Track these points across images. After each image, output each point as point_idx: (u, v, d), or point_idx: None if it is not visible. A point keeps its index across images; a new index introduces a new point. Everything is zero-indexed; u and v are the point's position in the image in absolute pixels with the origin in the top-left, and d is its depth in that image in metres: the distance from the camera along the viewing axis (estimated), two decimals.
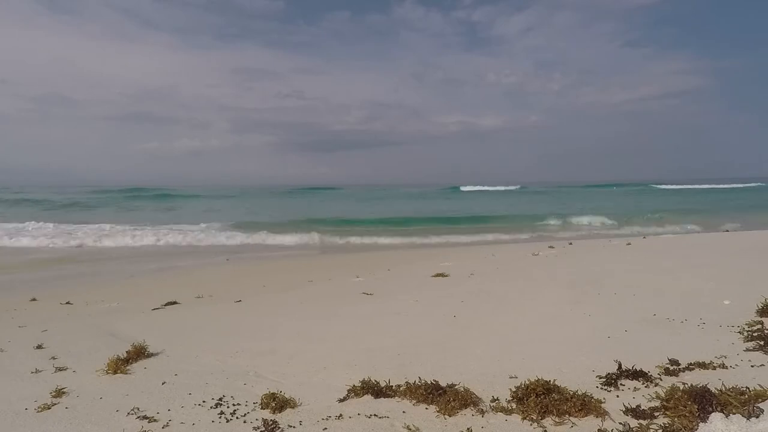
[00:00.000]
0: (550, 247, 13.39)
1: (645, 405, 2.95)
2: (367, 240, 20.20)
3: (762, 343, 3.95)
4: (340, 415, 3.11)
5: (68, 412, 3.37)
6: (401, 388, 3.36)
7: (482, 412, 3.05)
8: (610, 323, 5.00)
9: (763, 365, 3.53)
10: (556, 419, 2.89)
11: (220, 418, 3.17)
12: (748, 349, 3.89)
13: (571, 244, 14.66)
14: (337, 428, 2.95)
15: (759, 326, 4.40)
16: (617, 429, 2.72)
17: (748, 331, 4.31)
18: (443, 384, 3.30)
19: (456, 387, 3.26)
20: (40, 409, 3.41)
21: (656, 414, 2.83)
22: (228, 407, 3.32)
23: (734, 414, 2.49)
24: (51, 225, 24.96)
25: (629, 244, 13.27)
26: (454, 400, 3.10)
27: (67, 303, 8.52)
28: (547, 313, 5.64)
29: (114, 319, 6.50)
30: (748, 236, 14.96)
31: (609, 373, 3.45)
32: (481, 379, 3.60)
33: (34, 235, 20.62)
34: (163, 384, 3.82)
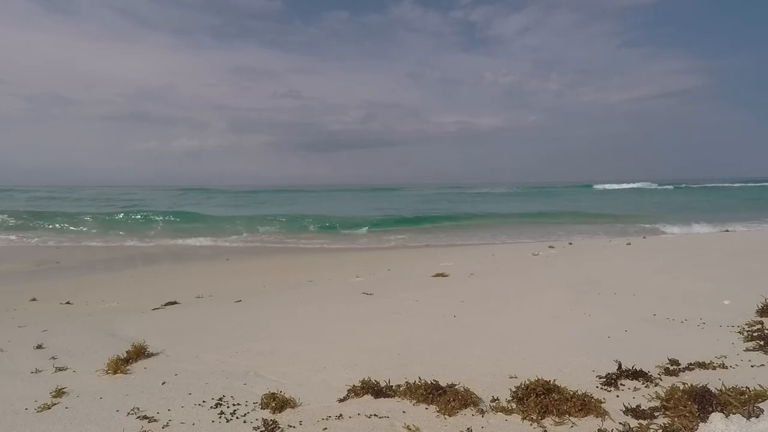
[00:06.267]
0: (550, 247, 13.39)
1: (645, 405, 2.95)
2: None
3: (762, 343, 3.95)
4: (340, 415, 3.11)
5: (68, 412, 3.37)
6: (401, 388, 3.36)
7: (482, 412, 3.05)
8: (610, 323, 5.00)
9: (763, 365, 3.53)
10: (556, 419, 2.89)
11: (220, 418, 3.17)
12: (748, 349, 3.89)
13: (571, 244, 14.66)
14: (337, 428, 2.95)
15: (759, 326, 4.41)
16: (617, 429, 2.72)
17: (748, 331, 4.31)
18: (443, 384, 3.30)
19: (456, 387, 3.25)
20: (40, 409, 3.41)
21: (656, 414, 2.83)
22: (228, 407, 3.32)
23: (734, 414, 2.49)
24: None
25: (629, 244, 13.27)
26: (454, 400, 3.10)
27: (67, 303, 8.52)
28: (547, 313, 5.63)
29: (114, 319, 6.50)
30: (748, 236, 14.97)
31: (609, 373, 3.45)
32: (481, 379, 3.60)
33: None
34: (163, 384, 3.82)
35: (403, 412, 3.12)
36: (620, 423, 2.78)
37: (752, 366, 3.53)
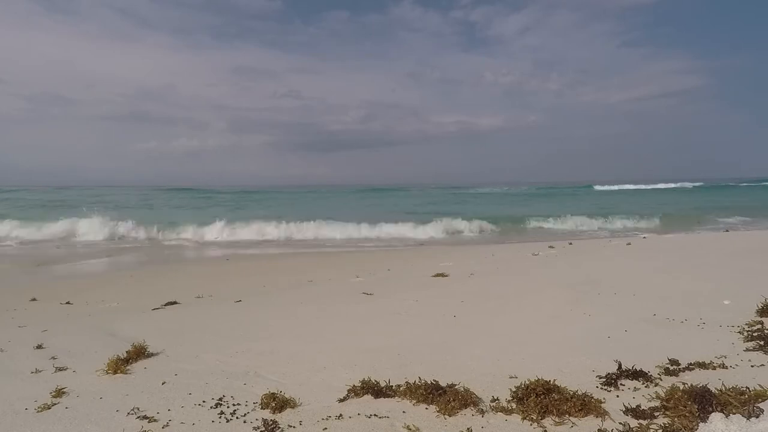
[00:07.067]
0: (550, 247, 13.39)
1: (645, 405, 2.95)
2: None
3: (762, 343, 3.95)
4: (340, 415, 3.11)
5: (68, 412, 3.36)
6: (401, 388, 3.36)
7: (482, 412, 3.05)
8: (610, 323, 5.00)
9: (763, 365, 3.53)
10: (556, 419, 2.89)
11: (220, 418, 3.17)
12: (748, 349, 3.89)
13: (571, 244, 14.66)
14: (337, 428, 2.95)
15: (759, 326, 4.41)
16: (617, 429, 2.72)
17: (748, 331, 4.31)
18: (443, 384, 3.30)
19: (456, 387, 3.25)
20: (40, 409, 3.41)
21: (656, 414, 2.83)
22: (228, 407, 3.31)
23: (734, 414, 2.49)
24: None
25: (629, 244, 13.28)
26: (454, 400, 3.10)
27: (67, 303, 8.51)
28: (547, 313, 5.63)
29: (114, 319, 6.50)
30: (748, 236, 14.98)
31: (609, 373, 3.45)
32: (481, 379, 3.60)
33: None
34: (163, 384, 3.82)
35: (403, 412, 3.12)
36: (620, 423, 2.78)
37: (752, 366, 3.53)
